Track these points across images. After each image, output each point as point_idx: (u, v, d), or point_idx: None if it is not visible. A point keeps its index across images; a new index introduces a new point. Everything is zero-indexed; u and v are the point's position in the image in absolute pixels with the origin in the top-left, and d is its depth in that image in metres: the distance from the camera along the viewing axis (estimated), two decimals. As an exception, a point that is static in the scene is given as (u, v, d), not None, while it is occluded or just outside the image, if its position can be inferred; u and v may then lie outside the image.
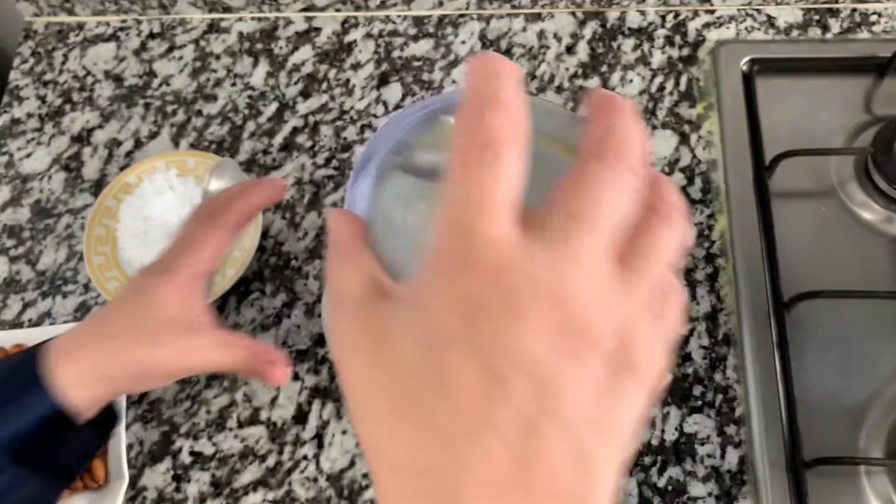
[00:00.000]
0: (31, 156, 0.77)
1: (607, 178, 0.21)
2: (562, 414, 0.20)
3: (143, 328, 0.46)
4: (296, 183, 0.73)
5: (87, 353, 0.45)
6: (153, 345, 0.45)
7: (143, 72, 0.80)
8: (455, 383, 0.20)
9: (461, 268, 0.21)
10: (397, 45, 0.80)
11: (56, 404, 0.43)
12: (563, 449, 0.20)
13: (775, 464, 0.59)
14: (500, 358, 0.20)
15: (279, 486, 0.62)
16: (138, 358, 0.45)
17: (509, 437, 0.20)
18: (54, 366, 0.44)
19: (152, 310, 0.46)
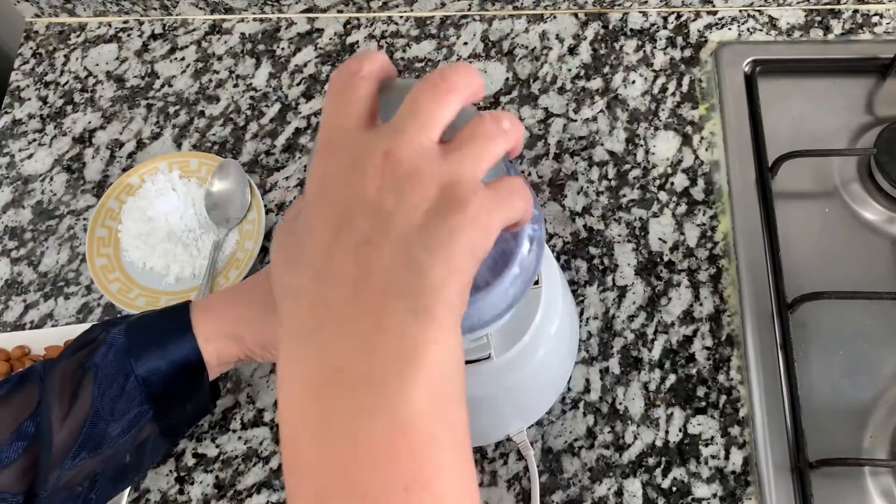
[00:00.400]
0: (33, 157, 0.77)
1: (434, 94, 0.29)
2: (392, 233, 0.27)
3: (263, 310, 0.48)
4: (298, 184, 0.73)
5: (225, 312, 0.48)
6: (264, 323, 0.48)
7: (145, 73, 0.80)
8: (317, 225, 0.28)
9: (328, 149, 0.30)
10: (399, 46, 0.80)
11: (194, 351, 0.47)
12: (394, 257, 0.27)
13: (779, 465, 0.59)
14: (346, 199, 0.28)
15: (283, 488, 0.62)
16: (266, 326, 0.48)
17: (352, 251, 0.27)
18: (195, 318, 0.48)
19: None
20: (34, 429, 0.44)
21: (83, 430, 0.45)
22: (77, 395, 0.45)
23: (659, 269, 0.68)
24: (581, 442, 0.62)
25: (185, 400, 0.49)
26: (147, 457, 0.50)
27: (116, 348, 0.46)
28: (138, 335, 0.47)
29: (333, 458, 0.26)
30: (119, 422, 0.46)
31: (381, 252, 0.27)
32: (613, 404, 0.63)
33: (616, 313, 0.66)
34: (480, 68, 0.78)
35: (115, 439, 0.46)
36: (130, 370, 0.46)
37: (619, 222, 0.70)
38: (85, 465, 0.45)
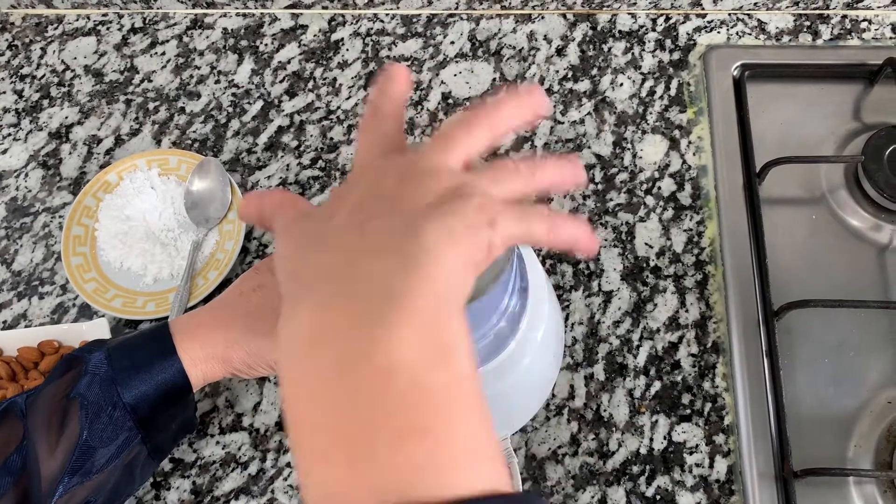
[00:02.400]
0: (7, 152, 0.75)
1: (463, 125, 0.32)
2: (399, 212, 0.29)
3: (260, 321, 0.48)
4: (280, 184, 0.72)
5: (211, 335, 0.48)
6: (266, 338, 0.47)
7: (125, 67, 0.78)
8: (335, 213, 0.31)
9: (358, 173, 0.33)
10: (385, 44, 0.78)
11: (181, 374, 0.47)
12: (395, 225, 0.28)
13: (764, 474, 0.59)
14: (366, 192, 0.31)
15: (262, 494, 0.60)
16: (251, 348, 0.48)
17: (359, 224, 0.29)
18: (180, 342, 0.47)
19: (270, 306, 0.48)
20: (21, 462, 0.44)
21: (72, 459, 0.44)
22: (64, 425, 0.45)
23: (645, 275, 0.67)
24: (565, 449, 0.61)
25: (172, 421, 0.50)
26: (137, 479, 0.50)
27: (101, 377, 0.46)
28: (122, 362, 0.47)
29: (328, 410, 0.26)
30: (108, 447, 0.45)
31: (384, 222, 0.28)
32: (598, 411, 0.62)
33: (601, 319, 0.65)
34: (467, 68, 0.77)
35: (105, 465, 0.46)
36: (118, 398, 0.46)
37: (605, 226, 0.69)
38: (75, 492, 0.45)
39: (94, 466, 0.45)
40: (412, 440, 0.25)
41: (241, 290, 0.51)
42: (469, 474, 0.25)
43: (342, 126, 0.74)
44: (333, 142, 0.74)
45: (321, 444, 0.26)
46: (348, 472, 0.25)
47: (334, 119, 0.75)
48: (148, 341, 0.48)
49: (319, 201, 0.71)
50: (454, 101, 0.75)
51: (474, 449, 0.26)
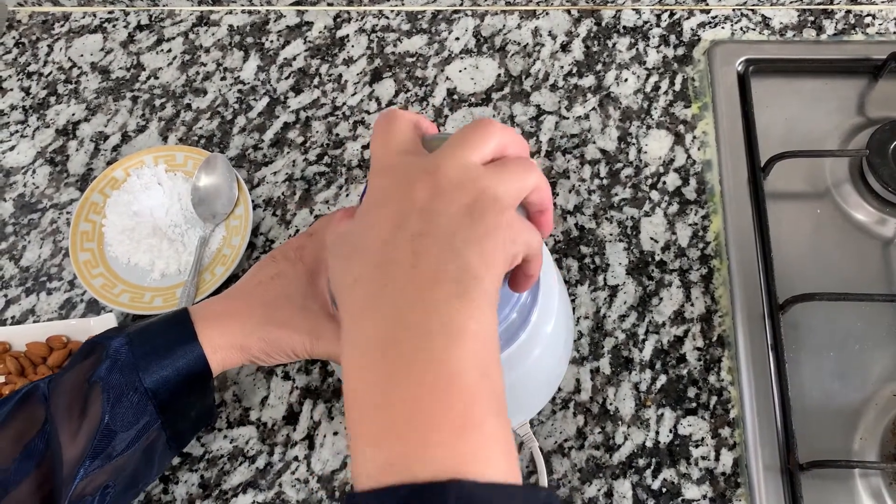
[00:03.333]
0: (15, 149, 0.75)
1: (479, 129, 0.36)
2: (440, 228, 0.33)
3: (279, 310, 0.49)
4: (286, 179, 0.72)
5: (231, 324, 0.49)
6: (284, 327, 0.48)
7: (131, 64, 0.79)
8: (377, 224, 0.34)
9: (381, 170, 0.36)
10: (390, 40, 0.79)
11: (202, 361, 0.48)
12: (442, 247, 0.32)
13: (770, 466, 0.59)
14: (402, 203, 0.34)
15: (269, 488, 0.61)
16: (270, 336, 0.49)
17: (408, 241, 0.33)
18: (201, 329, 0.48)
19: (287, 295, 0.50)
20: (43, 445, 0.44)
21: (93, 443, 0.45)
22: (86, 410, 0.45)
23: (650, 269, 0.67)
24: (571, 442, 0.61)
25: (191, 408, 0.50)
26: (156, 465, 0.50)
27: (121, 362, 0.46)
28: (143, 347, 0.47)
29: (397, 399, 0.31)
30: (128, 431, 0.46)
31: (431, 242, 0.33)
32: (604, 405, 0.63)
33: (607, 313, 0.66)
34: (472, 64, 0.77)
35: (125, 450, 0.46)
36: (139, 382, 0.46)
37: (610, 221, 0.69)
38: (95, 476, 0.45)
39: (114, 450, 0.46)
40: (469, 430, 0.30)
41: (259, 279, 0.51)
42: (504, 466, 0.31)
43: (348, 122, 0.74)
44: (339, 138, 0.74)
45: (387, 423, 0.31)
46: (411, 448, 0.30)
47: (340, 115, 0.75)
48: (169, 327, 0.49)
49: (325, 197, 0.71)
50: (459, 96, 0.75)
51: (508, 446, 0.32)
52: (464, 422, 0.30)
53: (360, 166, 0.72)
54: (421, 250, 0.33)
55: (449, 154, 0.35)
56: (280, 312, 0.49)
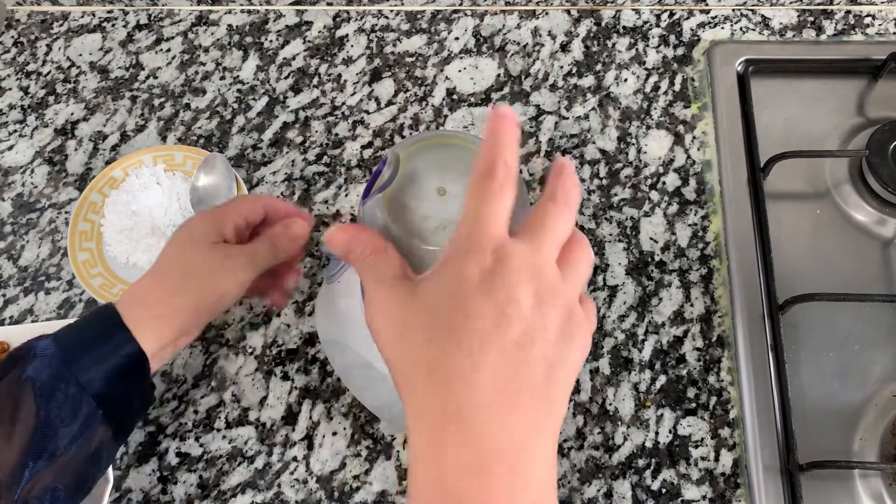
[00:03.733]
0: (13, 148, 0.75)
1: (557, 212, 0.36)
2: (537, 342, 0.33)
3: (184, 286, 0.51)
4: (286, 179, 0.72)
5: (148, 299, 0.50)
6: (198, 285, 0.51)
7: (130, 64, 0.78)
8: (475, 316, 0.33)
9: (477, 249, 0.34)
10: (390, 40, 0.78)
11: (134, 345, 0.48)
12: (539, 362, 0.33)
13: (769, 467, 0.59)
14: (506, 304, 0.33)
15: (268, 488, 0.61)
16: (187, 300, 0.50)
17: (506, 348, 0.32)
18: (124, 312, 0.49)
19: (188, 258, 0.52)
20: None
21: (34, 442, 0.44)
22: (18, 410, 0.45)
23: (650, 269, 0.67)
24: (571, 443, 0.61)
25: (131, 394, 0.50)
26: (104, 460, 0.49)
27: (50, 357, 0.46)
28: (70, 341, 0.47)
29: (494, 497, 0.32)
30: (69, 426, 0.46)
31: (527, 355, 0.33)
32: (603, 405, 0.62)
33: (607, 313, 0.66)
34: (471, 64, 0.77)
35: (69, 445, 0.46)
36: (70, 375, 0.46)
37: (610, 221, 0.69)
38: (41, 477, 0.45)
39: (58, 448, 0.45)
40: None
41: (164, 256, 0.53)
42: None
43: (347, 122, 0.74)
44: (338, 138, 0.74)
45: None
46: None
47: (339, 115, 0.75)
48: (94, 320, 0.49)
49: (325, 197, 0.71)
50: (459, 96, 0.75)
51: None
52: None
53: (359, 166, 0.72)
54: (517, 361, 0.33)
55: (540, 246, 0.34)
56: (195, 280, 0.51)
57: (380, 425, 0.62)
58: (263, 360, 0.65)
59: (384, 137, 0.74)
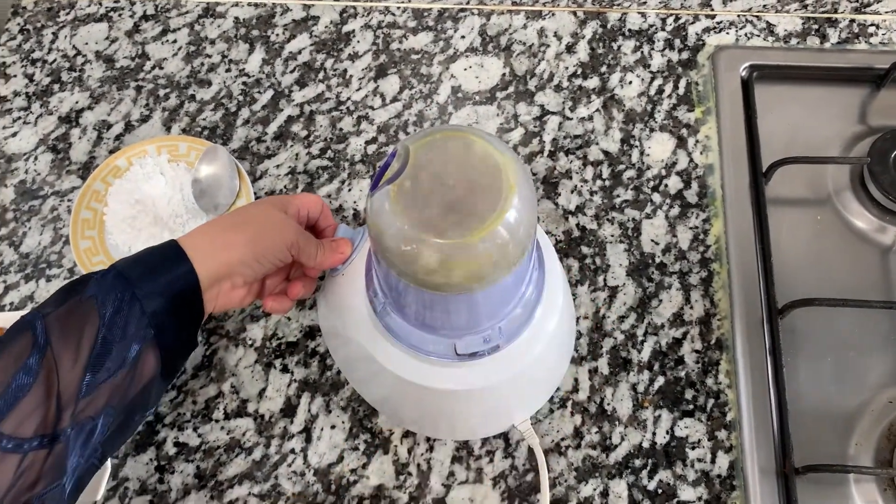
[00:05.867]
0: (17, 135, 0.75)
1: None
2: None
3: (241, 226, 0.54)
4: (289, 172, 0.72)
5: (205, 231, 0.53)
6: (253, 229, 0.54)
7: (136, 54, 0.79)
8: None
9: None
10: (396, 37, 0.79)
11: (191, 273, 0.50)
12: None
13: (765, 469, 0.59)
14: None
15: (265, 480, 0.61)
16: (240, 238, 0.53)
17: None
18: (183, 242, 0.51)
19: (249, 209, 0.56)
20: (37, 363, 0.44)
21: (92, 357, 0.45)
22: (83, 329, 0.46)
23: (650, 271, 0.67)
24: (568, 441, 0.62)
25: (182, 327, 0.51)
26: (151, 396, 0.50)
27: (113, 277, 0.48)
28: (130, 267, 0.49)
29: None
30: (126, 348, 0.47)
31: None
32: (601, 405, 0.63)
33: (606, 313, 0.66)
34: (477, 63, 0.77)
35: (122, 367, 0.47)
36: (131, 295, 0.47)
37: (612, 222, 0.69)
38: (96, 396, 0.46)
39: (113, 366, 0.46)
40: None
41: (239, 208, 0.57)
42: None
43: (352, 117, 0.75)
44: (343, 132, 0.74)
45: None
46: None
47: (344, 110, 0.75)
48: (153, 249, 0.51)
49: (328, 191, 0.71)
50: (464, 94, 0.75)
51: None
52: None
53: (362, 161, 0.72)
54: None
55: None
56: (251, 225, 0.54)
57: (378, 420, 0.62)
58: (263, 353, 0.65)
59: (388, 133, 0.74)
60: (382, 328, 0.52)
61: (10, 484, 0.42)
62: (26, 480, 0.43)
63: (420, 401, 0.56)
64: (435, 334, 0.50)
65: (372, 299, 0.52)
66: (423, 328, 0.50)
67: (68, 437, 0.45)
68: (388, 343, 0.52)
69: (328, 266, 0.58)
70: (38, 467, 0.44)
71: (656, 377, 0.64)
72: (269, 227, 0.55)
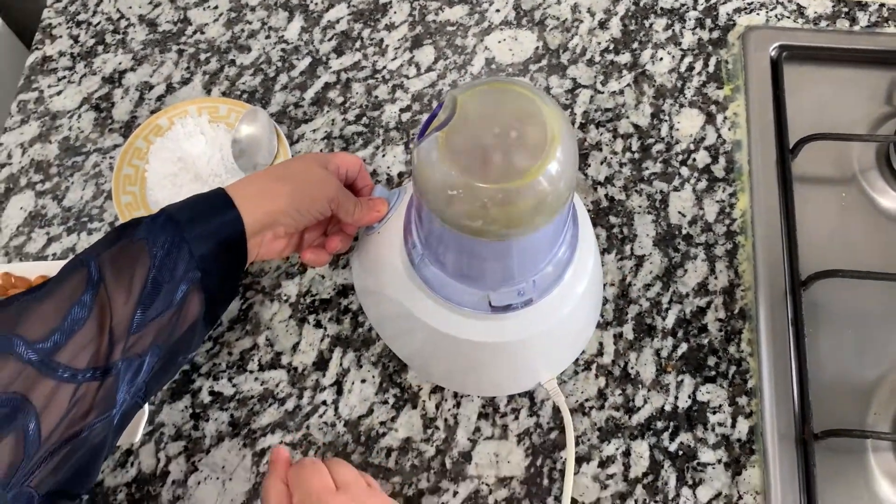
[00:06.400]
0: (62, 94, 0.77)
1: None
2: None
3: (285, 178, 0.57)
4: (325, 137, 0.74)
5: (253, 181, 0.56)
6: (297, 180, 0.56)
7: (178, 18, 0.80)
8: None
9: None
10: (432, 9, 0.80)
11: (237, 220, 0.52)
12: None
13: (784, 435, 0.61)
14: None
15: (297, 430, 0.63)
16: (284, 188, 0.55)
17: None
18: (231, 190, 0.54)
19: (294, 163, 0.59)
20: (91, 302, 0.46)
21: (142, 294, 0.47)
22: (134, 269, 0.48)
23: (677, 242, 0.69)
24: (592, 402, 0.63)
25: (226, 271, 0.53)
26: (195, 337, 0.53)
27: (163, 222, 0.50)
28: (182, 210, 0.51)
29: None
30: (171, 283, 0.49)
31: None
32: (625, 368, 0.64)
33: (633, 281, 0.67)
34: (511, 36, 0.79)
35: (170, 307, 0.49)
36: (181, 236, 0.50)
37: (640, 194, 0.71)
38: (145, 333, 0.48)
39: (160, 304, 0.48)
40: None
41: (286, 162, 0.60)
42: None
43: (387, 85, 0.76)
44: (378, 100, 0.76)
45: None
46: None
47: (379, 78, 0.77)
48: (202, 196, 0.53)
49: (363, 156, 0.73)
50: (497, 66, 0.77)
51: None
52: None
53: (396, 128, 0.74)
54: None
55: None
56: (295, 177, 0.57)
57: (408, 375, 0.64)
58: (297, 308, 0.67)
59: (422, 102, 0.75)
60: (419, 280, 0.54)
61: (66, 411, 0.45)
62: (80, 410, 0.45)
63: (451, 354, 0.57)
64: (471, 285, 0.52)
65: (410, 252, 0.54)
66: (460, 279, 0.51)
67: (119, 370, 0.47)
68: (423, 295, 0.54)
69: (365, 223, 0.59)
70: (91, 398, 0.46)
71: (680, 344, 0.65)
72: (312, 181, 0.57)
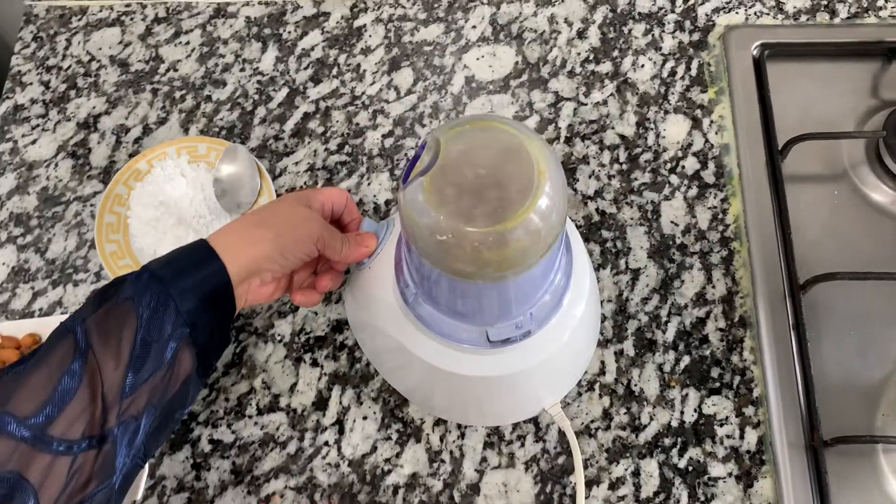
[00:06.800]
0: (37, 143, 0.76)
1: None
2: None
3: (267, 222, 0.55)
4: (308, 169, 0.73)
5: (233, 228, 0.54)
6: (279, 224, 0.55)
7: (150, 57, 0.79)
8: None
9: None
10: (407, 29, 0.79)
11: (222, 271, 0.51)
12: None
13: (794, 444, 0.60)
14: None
15: (301, 473, 0.62)
16: (267, 233, 0.54)
17: None
18: (212, 240, 0.53)
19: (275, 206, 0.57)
20: (80, 370, 0.45)
21: (132, 357, 0.46)
22: (122, 331, 0.47)
23: (671, 252, 0.68)
24: (598, 423, 0.62)
25: (215, 322, 0.52)
26: (190, 392, 0.52)
27: (147, 280, 0.49)
28: (163, 267, 0.50)
29: None
30: (163, 347, 0.48)
31: None
32: (629, 386, 0.63)
33: (630, 296, 0.67)
34: (489, 52, 0.77)
35: (161, 367, 0.48)
36: (166, 293, 0.49)
37: (631, 206, 0.70)
38: (139, 395, 0.47)
39: (151, 365, 0.47)
40: None
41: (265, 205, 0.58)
42: None
43: (367, 111, 0.75)
44: (359, 127, 0.74)
45: None
46: None
47: (359, 104, 0.75)
48: (183, 249, 0.52)
49: (347, 186, 0.72)
50: (478, 84, 0.76)
51: None
52: None
53: (380, 155, 0.73)
54: None
55: None
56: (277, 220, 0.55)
57: (409, 409, 0.63)
58: (292, 348, 0.66)
59: (405, 126, 0.74)
60: (413, 318, 0.53)
61: (64, 485, 0.43)
62: (79, 481, 0.44)
63: (451, 388, 0.56)
64: (467, 322, 0.51)
65: (403, 290, 0.53)
66: (455, 316, 0.50)
67: (115, 436, 0.46)
68: (419, 333, 0.53)
69: (353, 260, 0.58)
70: (89, 467, 0.45)
71: (682, 357, 0.64)
72: (294, 222, 0.56)
